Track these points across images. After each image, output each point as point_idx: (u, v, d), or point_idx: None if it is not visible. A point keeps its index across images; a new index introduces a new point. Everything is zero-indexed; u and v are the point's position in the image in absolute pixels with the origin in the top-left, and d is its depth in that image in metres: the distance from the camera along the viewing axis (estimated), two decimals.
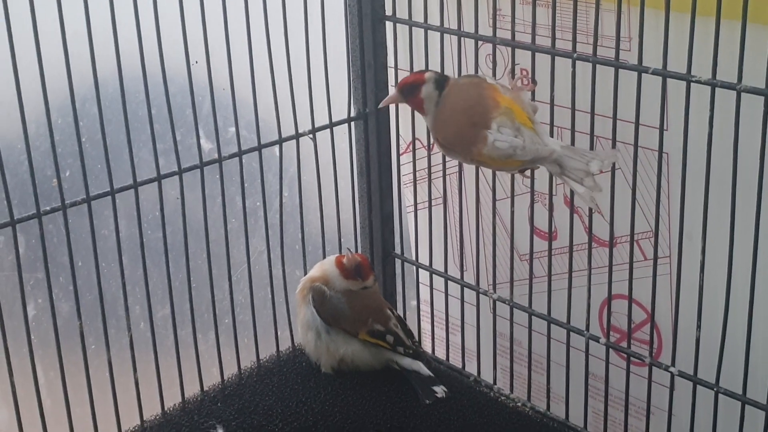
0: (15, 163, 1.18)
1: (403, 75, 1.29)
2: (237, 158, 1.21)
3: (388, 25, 1.29)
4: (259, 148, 1.24)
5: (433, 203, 1.32)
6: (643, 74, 1.00)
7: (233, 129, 1.21)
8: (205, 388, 1.25)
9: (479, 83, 1.05)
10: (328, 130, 1.30)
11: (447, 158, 1.27)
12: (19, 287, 1.04)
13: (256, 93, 1.20)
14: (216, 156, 1.19)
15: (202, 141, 1.20)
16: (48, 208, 1.05)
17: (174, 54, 1.11)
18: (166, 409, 1.21)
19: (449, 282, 1.33)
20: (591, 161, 0.96)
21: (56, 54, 1.00)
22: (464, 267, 1.31)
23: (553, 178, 1.14)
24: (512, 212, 1.20)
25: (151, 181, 1.13)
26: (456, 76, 1.21)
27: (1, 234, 1.16)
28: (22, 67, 0.97)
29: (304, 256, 1.32)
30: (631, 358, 1.13)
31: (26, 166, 1.01)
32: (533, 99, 1.11)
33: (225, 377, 1.27)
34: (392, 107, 1.33)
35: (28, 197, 1.06)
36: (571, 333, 1.18)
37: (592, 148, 1.08)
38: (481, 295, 1.29)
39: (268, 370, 1.30)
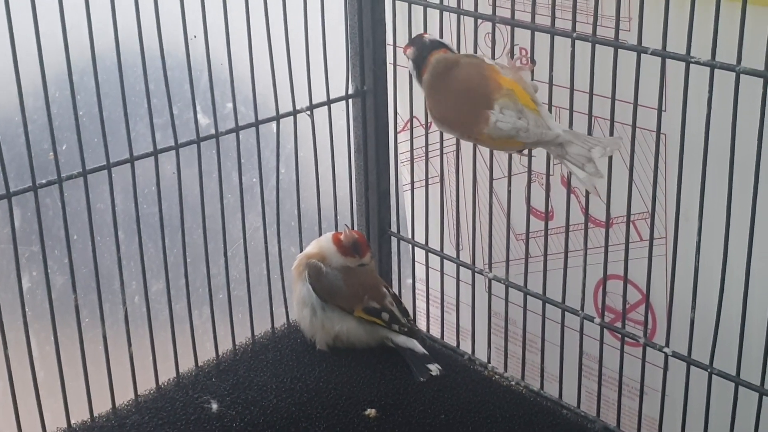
0: (12, 136, 1.18)
1: (402, 53, 1.29)
2: (234, 134, 1.21)
3: (387, 2, 1.29)
4: (257, 124, 1.23)
5: (429, 182, 1.32)
6: (642, 55, 1.00)
7: (230, 104, 1.21)
8: (200, 363, 1.25)
9: (479, 64, 1.04)
10: (326, 107, 1.29)
11: (445, 136, 1.27)
12: (14, 260, 1.04)
13: (254, 69, 1.19)
14: (213, 131, 1.18)
15: (199, 116, 1.19)
16: (44, 181, 1.05)
17: (172, 28, 1.10)
18: (160, 383, 1.21)
19: (445, 261, 1.33)
20: (593, 147, 0.96)
21: (54, 27, 1.00)
22: (460, 246, 1.31)
23: (551, 158, 1.14)
24: (509, 192, 1.20)
25: (147, 155, 1.13)
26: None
27: None
28: (19, 40, 0.97)
29: (300, 232, 1.32)
30: (626, 339, 1.13)
31: (23, 139, 1.01)
32: (532, 78, 1.11)
33: (219, 353, 1.27)
34: (390, 86, 1.33)
35: (24, 170, 1.06)
36: (566, 313, 1.18)
37: (590, 128, 1.08)
38: (476, 274, 1.29)
39: (262, 346, 1.30)
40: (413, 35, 1.23)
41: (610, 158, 1.07)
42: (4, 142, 1.00)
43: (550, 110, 1.11)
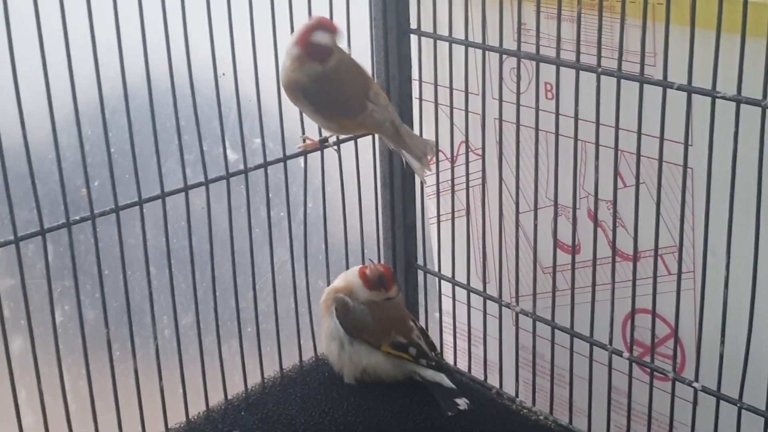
0: (46, 173, 1.20)
1: (427, 88, 1.30)
2: (262, 169, 1.22)
3: (413, 38, 1.30)
4: (285, 159, 1.25)
5: (456, 215, 1.32)
6: (668, 89, 1.00)
7: (259, 140, 1.22)
8: (229, 397, 1.26)
9: (353, 61, 1.18)
10: (353, 141, 1.31)
11: (471, 170, 1.27)
12: (48, 295, 1.06)
13: (282, 105, 1.21)
14: (242, 167, 1.20)
15: (228, 152, 1.21)
16: (77, 218, 1.06)
17: (202, 65, 1.12)
18: (190, 417, 1.22)
19: (471, 294, 1.33)
20: (426, 146, 1.18)
21: (87, 66, 1.02)
22: (487, 279, 1.31)
23: (577, 192, 1.14)
24: (535, 225, 1.20)
25: (178, 191, 1.14)
26: (478, 87, 1.22)
27: (31, 242, 1.17)
28: (53, 78, 0.98)
29: (328, 266, 1.33)
30: (654, 373, 1.13)
31: (56, 176, 1.03)
32: (557, 114, 1.12)
33: (248, 386, 1.28)
34: (416, 120, 1.34)
35: (57, 207, 1.07)
36: (594, 347, 1.18)
37: (617, 162, 1.09)
38: (503, 307, 1.29)
39: (291, 379, 1.30)
40: (438, 71, 1.25)
41: (637, 192, 1.07)
42: (38, 179, 1.02)
43: (575, 144, 1.11)
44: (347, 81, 1.16)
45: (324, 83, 1.13)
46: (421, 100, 1.34)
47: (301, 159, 1.27)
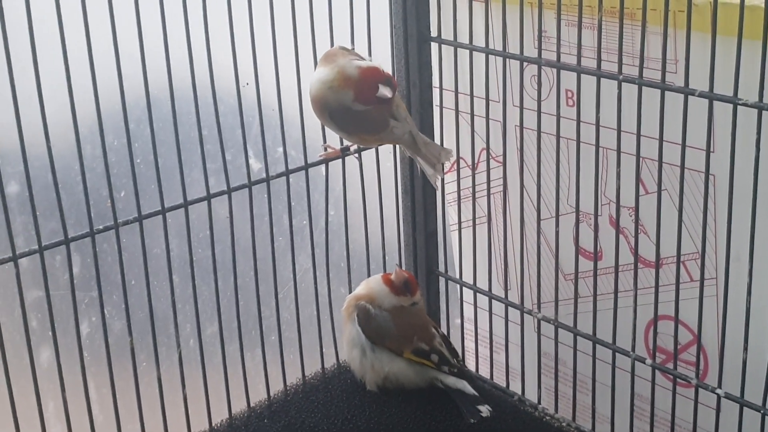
0: (71, 184, 1.21)
1: (448, 95, 1.30)
2: (284, 177, 1.23)
3: (434, 45, 1.31)
4: (306, 167, 1.26)
5: (477, 222, 1.32)
6: (690, 96, 1.00)
7: (281, 149, 1.23)
8: (252, 405, 1.27)
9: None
10: (374, 149, 1.31)
11: (492, 176, 1.28)
12: (73, 305, 1.07)
13: (304, 113, 1.22)
14: (264, 175, 1.21)
15: (251, 161, 1.22)
16: (101, 227, 1.07)
17: (225, 74, 1.13)
18: (213, 425, 1.23)
19: (493, 301, 1.33)
20: (441, 153, 1.20)
21: (111, 77, 1.03)
22: (508, 286, 1.32)
23: (599, 199, 1.14)
24: (557, 232, 1.20)
25: (200, 200, 1.15)
26: (499, 95, 1.23)
27: (57, 253, 1.19)
28: (77, 89, 1.00)
29: (349, 273, 1.34)
30: (677, 380, 1.13)
31: (81, 186, 1.04)
32: (579, 120, 1.12)
33: (271, 394, 1.29)
34: (437, 127, 1.35)
35: (82, 216, 1.09)
36: (617, 353, 1.17)
37: (638, 169, 1.08)
38: (525, 314, 1.29)
39: (313, 387, 1.31)
40: (458, 79, 1.25)
41: (659, 199, 1.07)
42: (63, 190, 1.03)
43: (597, 151, 1.11)
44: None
45: (352, 110, 1.13)
46: (441, 107, 1.34)
47: (323, 167, 1.28)
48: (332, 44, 1.21)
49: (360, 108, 1.12)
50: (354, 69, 1.11)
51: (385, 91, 1.11)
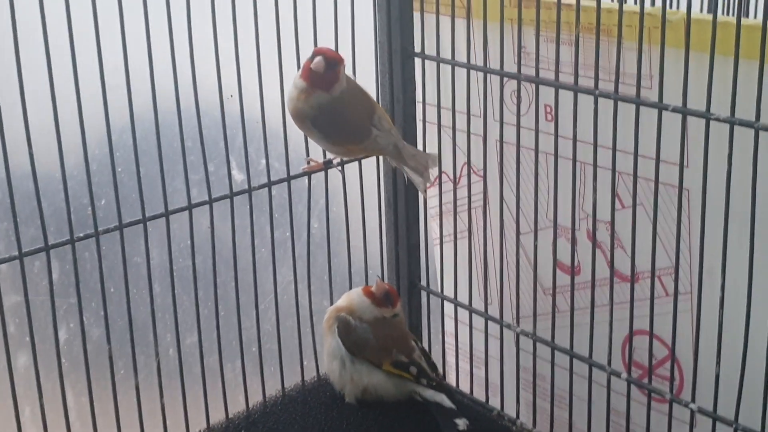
0: (53, 192, 1.22)
1: (431, 110, 1.32)
2: (267, 189, 1.24)
3: (417, 61, 1.32)
4: (289, 179, 1.27)
5: (458, 236, 1.33)
6: (664, 111, 1.01)
7: (264, 161, 1.24)
8: (230, 416, 1.27)
9: (359, 87, 1.21)
10: (357, 162, 1.32)
11: (473, 191, 1.29)
12: (51, 312, 1.07)
13: (287, 126, 1.23)
14: (246, 187, 1.22)
15: (235, 172, 1.23)
16: (81, 235, 1.08)
17: (209, 84, 1.14)
18: None
19: (474, 315, 1.34)
20: (428, 160, 1.21)
21: (94, 87, 1.04)
22: (489, 300, 1.32)
23: (577, 213, 1.15)
24: (535, 246, 1.21)
25: (182, 209, 1.16)
26: (480, 109, 1.24)
27: (36, 259, 1.19)
28: (60, 100, 1.01)
29: (331, 286, 1.34)
30: (652, 394, 1.13)
31: (63, 195, 1.04)
32: (557, 135, 1.13)
33: (250, 405, 1.29)
34: (420, 143, 1.36)
35: (63, 224, 1.09)
36: (593, 368, 1.18)
37: (615, 183, 1.09)
38: (504, 328, 1.30)
39: (292, 399, 1.31)
40: (441, 93, 1.26)
41: (634, 214, 1.08)
42: (45, 198, 1.03)
43: (574, 165, 1.13)
44: (353, 108, 1.19)
45: (331, 112, 1.16)
46: (424, 122, 1.36)
47: (306, 179, 1.29)
48: None
49: (322, 99, 1.14)
50: (298, 74, 1.15)
51: (318, 63, 1.13)
